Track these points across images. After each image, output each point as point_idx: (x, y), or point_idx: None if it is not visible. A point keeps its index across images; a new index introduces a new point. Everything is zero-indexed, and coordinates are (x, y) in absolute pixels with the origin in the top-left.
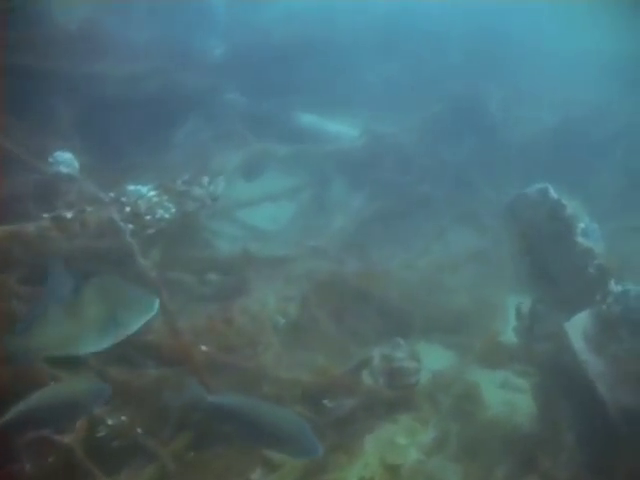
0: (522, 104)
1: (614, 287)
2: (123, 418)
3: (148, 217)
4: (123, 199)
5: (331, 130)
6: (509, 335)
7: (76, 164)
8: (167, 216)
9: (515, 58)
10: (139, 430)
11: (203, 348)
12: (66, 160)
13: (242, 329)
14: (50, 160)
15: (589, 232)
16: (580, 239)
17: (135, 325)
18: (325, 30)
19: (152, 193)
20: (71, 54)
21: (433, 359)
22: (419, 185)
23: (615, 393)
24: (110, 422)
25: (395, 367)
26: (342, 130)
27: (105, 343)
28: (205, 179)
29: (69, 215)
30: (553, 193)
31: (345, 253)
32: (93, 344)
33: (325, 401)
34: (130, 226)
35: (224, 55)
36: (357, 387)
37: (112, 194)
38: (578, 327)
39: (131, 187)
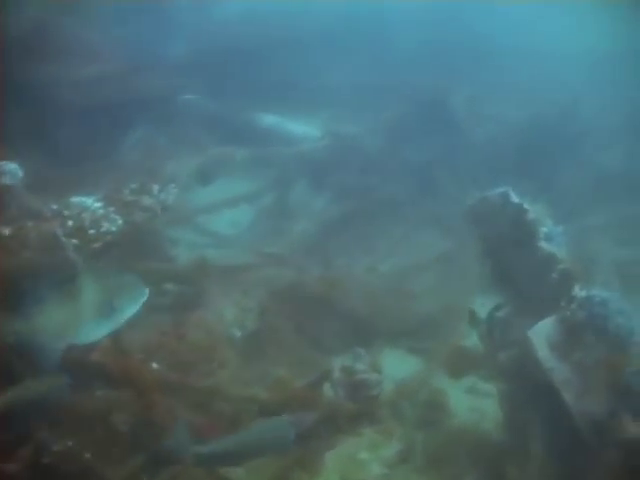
0: (489, 102)
1: (578, 292)
2: (69, 444)
3: (92, 231)
4: (66, 212)
5: (294, 131)
6: (475, 339)
7: (20, 174)
8: (114, 229)
9: (486, 55)
10: (88, 455)
11: (154, 366)
12: (10, 171)
13: (196, 344)
14: None
15: (553, 236)
16: (543, 244)
17: (130, 310)
18: (288, 30)
19: (97, 205)
20: (21, 55)
21: (398, 366)
22: (383, 187)
23: (582, 402)
24: (56, 448)
25: (356, 379)
26: (305, 131)
27: (103, 331)
28: (155, 187)
29: (7, 231)
30: (514, 197)
31: (307, 258)
32: (92, 332)
33: (284, 416)
34: (74, 241)
35: (185, 56)
36: (317, 401)
37: (55, 207)
38: (542, 334)
39: (75, 199)
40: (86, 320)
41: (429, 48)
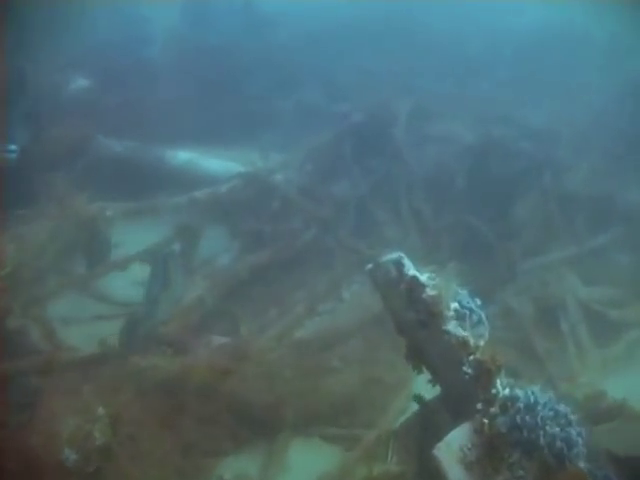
0: (435, 119)
1: (499, 391)
2: None
3: None
4: None
5: (210, 168)
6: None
7: None
8: None
9: (437, 64)
10: None
11: None
12: None
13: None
14: None
15: (466, 313)
16: (451, 326)
17: None
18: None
19: None
20: None
21: (312, 458)
22: (307, 231)
23: None
24: None
25: None
26: (225, 167)
27: None
28: None
29: None
30: (409, 267)
31: (200, 334)
32: None
33: None
34: None
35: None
36: None
37: None
38: (453, 449)
39: None
40: None
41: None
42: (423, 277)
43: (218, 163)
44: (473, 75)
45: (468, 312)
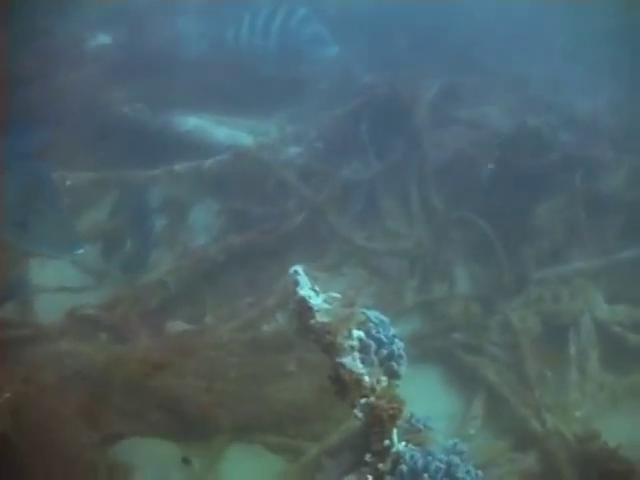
0: (464, 101)
1: (395, 444)
2: None
3: None
4: None
5: (219, 137)
6: None
7: None
8: None
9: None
10: None
11: None
12: None
13: None
14: None
15: (372, 346)
16: (347, 360)
17: None
18: None
19: None
20: None
21: (250, 467)
22: (296, 215)
23: None
24: None
25: None
26: (234, 136)
27: None
28: None
29: None
30: (303, 284)
31: (159, 316)
32: None
33: None
34: None
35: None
36: None
37: None
38: None
39: None
40: None
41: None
42: (317, 299)
43: (228, 132)
44: (520, 54)
45: (374, 344)
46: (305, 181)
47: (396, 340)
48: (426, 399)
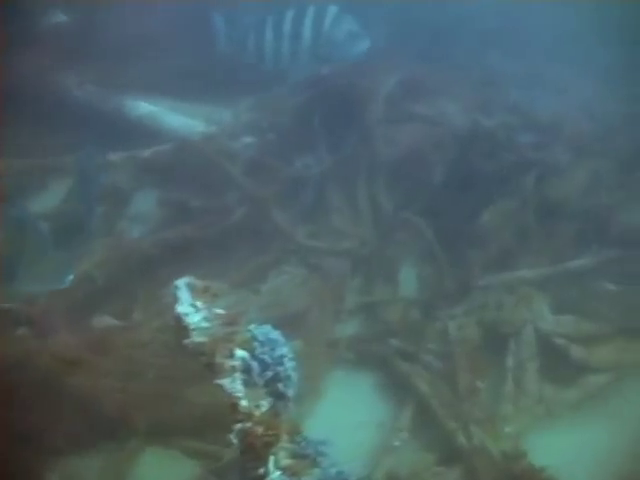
0: (424, 96)
1: (270, 473)
2: None
3: None
4: None
5: (171, 124)
6: None
7: None
8: None
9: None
10: None
11: None
12: None
13: None
14: None
15: (254, 367)
16: (226, 382)
17: None
18: None
19: None
20: None
21: (166, 472)
22: (237, 209)
23: None
24: None
25: None
26: (186, 124)
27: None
28: None
29: None
30: (183, 300)
31: (84, 310)
32: None
33: None
34: None
35: None
36: None
37: None
38: None
39: None
40: None
41: None
42: (196, 317)
43: (179, 119)
44: (498, 49)
45: (258, 365)
46: (251, 174)
47: (285, 360)
48: (357, 405)
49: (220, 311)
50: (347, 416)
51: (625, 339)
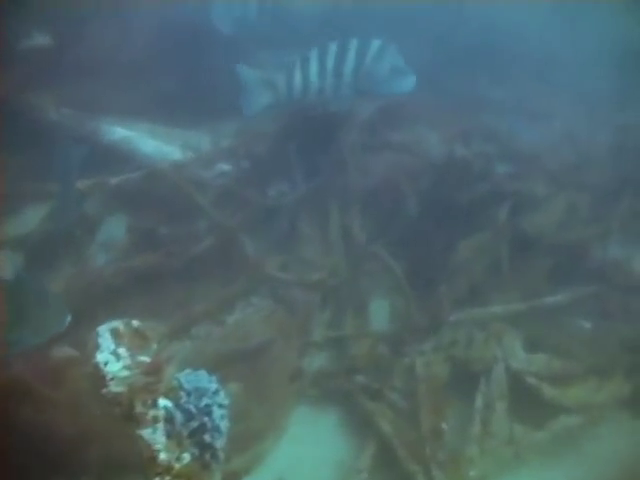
0: (402, 124)
1: None
2: None
3: None
4: None
5: (145, 150)
6: None
7: None
8: None
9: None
10: None
11: None
12: None
13: None
14: None
15: (177, 417)
16: (146, 433)
17: None
18: None
19: None
20: None
21: None
22: (206, 237)
23: None
24: None
25: None
26: (161, 150)
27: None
28: None
29: None
30: (104, 347)
31: None
32: None
33: None
34: None
35: None
36: None
37: None
38: None
39: None
40: None
41: None
42: (116, 365)
43: (155, 145)
44: (473, 73)
45: (182, 415)
46: (222, 203)
47: (213, 409)
48: (318, 443)
49: (144, 358)
50: (308, 453)
51: (598, 379)
